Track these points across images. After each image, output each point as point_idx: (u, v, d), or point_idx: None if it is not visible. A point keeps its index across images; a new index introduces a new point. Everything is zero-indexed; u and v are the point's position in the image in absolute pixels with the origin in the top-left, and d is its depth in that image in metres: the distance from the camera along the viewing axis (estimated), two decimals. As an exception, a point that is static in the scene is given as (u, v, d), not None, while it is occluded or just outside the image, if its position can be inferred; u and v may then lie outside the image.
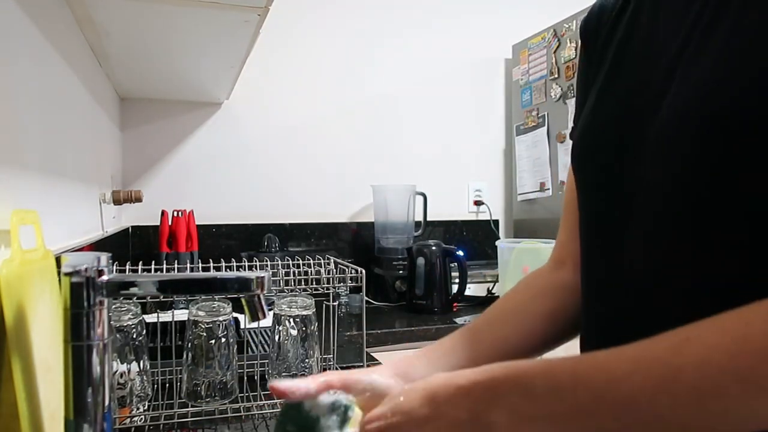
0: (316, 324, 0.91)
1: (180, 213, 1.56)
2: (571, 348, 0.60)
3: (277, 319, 0.89)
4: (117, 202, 1.38)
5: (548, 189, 1.84)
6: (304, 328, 0.89)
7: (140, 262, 0.87)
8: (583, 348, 0.60)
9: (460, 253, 1.63)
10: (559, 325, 0.65)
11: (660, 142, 0.47)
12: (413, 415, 0.45)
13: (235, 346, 0.87)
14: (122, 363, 0.81)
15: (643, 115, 0.50)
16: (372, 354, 1.21)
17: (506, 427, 0.40)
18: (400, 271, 1.73)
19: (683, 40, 0.48)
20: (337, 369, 1.00)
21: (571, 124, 0.69)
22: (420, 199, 1.88)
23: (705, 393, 0.35)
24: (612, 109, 0.55)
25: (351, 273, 0.91)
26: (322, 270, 0.90)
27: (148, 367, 0.85)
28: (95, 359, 0.51)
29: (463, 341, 0.65)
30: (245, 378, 0.93)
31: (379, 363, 1.10)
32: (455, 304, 1.66)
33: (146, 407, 0.84)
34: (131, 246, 1.70)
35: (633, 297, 0.51)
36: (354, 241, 1.94)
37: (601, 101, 0.58)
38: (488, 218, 2.07)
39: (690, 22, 0.48)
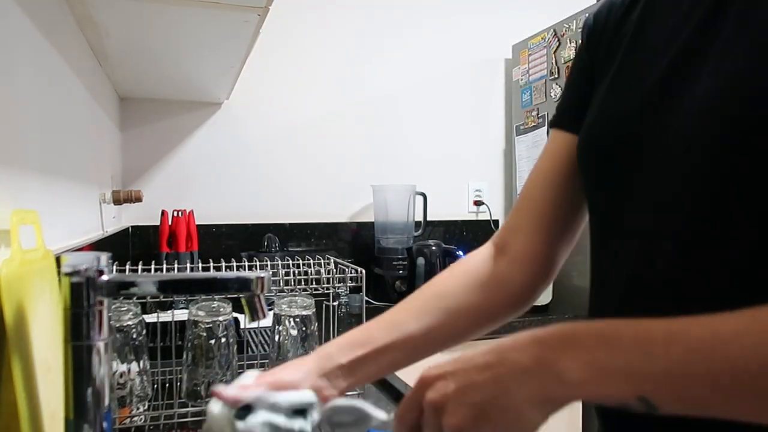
0: (316, 324, 0.91)
1: (180, 213, 1.56)
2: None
3: (277, 319, 0.89)
4: (117, 202, 1.38)
5: (548, 189, 1.83)
6: (304, 328, 0.89)
7: (140, 262, 0.87)
8: None
9: (460, 253, 1.63)
10: (483, 319, 0.64)
11: (685, 134, 0.45)
12: (474, 361, 0.41)
13: (235, 346, 0.87)
14: (122, 363, 0.81)
15: (661, 110, 0.48)
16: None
17: (578, 377, 0.36)
18: (400, 271, 1.73)
19: (701, 34, 0.47)
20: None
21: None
22: (420, 199, 1.88)
23: None
24: (624, 104, 0.53)
25: (351, 273, 0.91)
26: (322, 270, 0.90)
27: (148, 367, 0.85)
28: (95, 359, 0.51)
29: (382, 333, 0.61)
30: (245, 378, 0.93)
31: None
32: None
33: (146, 407, 0.84)
34: (131, 246, 1.70)
35: (656, 298, 0.48)
36: (354, 241, 1.94)
37: (612, 95, 0.56)
38: (488, 218, 2.07)
39: (701, 17, 0.47)
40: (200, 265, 0.94)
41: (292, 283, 0.89)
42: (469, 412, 0.39)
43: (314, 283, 0.89)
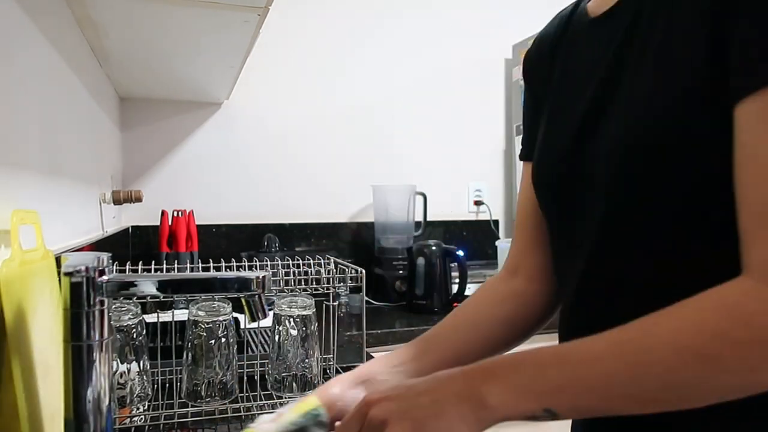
0: (316, 324, 0.91)
1: (180, 213, 1.56)
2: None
3: (277, 319, 0.89)
4: (117, 202, 1.38)
5: (548, 189, 1.84)
6: (304, 328, 0.89)
7: (140, 262, 0.87)
8: None
9: (460, 253, 1.63)
10: (514, 330, 0.71)
11: (594, 167, 0.53)
12: (415, 388, 0.48)
13: (235, 346, 0.87)
14: (122, 363, 0.81)
15: (580, 147, 0.56)
16: (372, 354, 1.21)
17: (498, 399, 0.44)
18: (400, 271, 1.72)
19: (607, 72, 0.53)
20: (337, 369, 1.00)
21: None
22: (420, 199, 1.88)
23: (672, 368, 0.40)
24: (556, 140, 0.61)
25: (351, 273, 0.91)
26: (322, 270, 0.90)
27: (148, 367, 0.85)
28: (95, 359, 0.51)
29: (426, 348, 0.68)
30: (245, 378, 0.93)
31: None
32: (455, 304, 1.66)
33: (146, 407, 0.84)
34: (131, 246, 1.70)
35: (596, 312, 0.56)
36: (354, 241, 1.94)
37: (548, 131, 0.64)
38: (488, 218, 2.07)
39: (609, 59, 0.53)
40: (200, 265, 0.94)
41: (292, 283, 0.89)
42: (411, 425, 0.44)
43: (314, 283, 0.89)
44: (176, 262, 1.50)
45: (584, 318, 0.58)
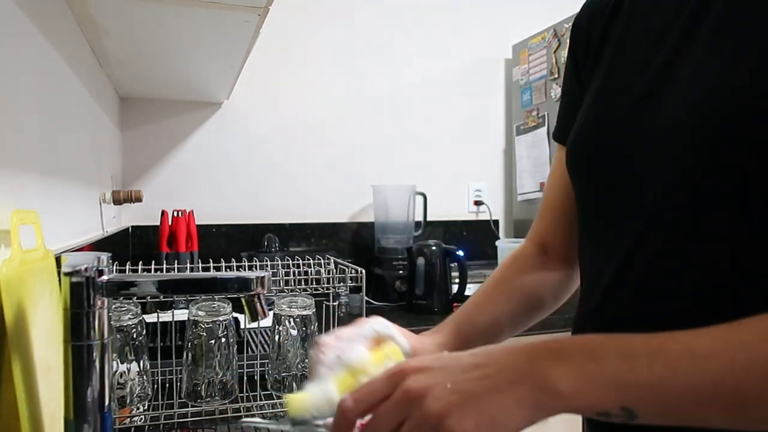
0: (316, 324, 0.91)
1: (180, 213, 1.56)
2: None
3: (277, 319, 0.89)
4: (117, 202, 1.38)
5: (548, 189, 1.83)
6: (304, 328, 0.89)
7: (140, 262, 0.87)
8: None
9: (460, 253, 1.63)
10: (539, 309, 0.73)
11: (657, 142, 0.48)
12: (461, 361, 0.41)
13: (235, 346, 0.87)
14: (122, 363, 0.81)
15: (642, 117, 0.50)
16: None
17: (568, 386, 0.37)
18: (400, 271, 1.72)
19: (680, 40, 0.49)
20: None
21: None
22: (420, 199, 1.88)
23: None
24: (610, 109, 0.55)
25: (351, 273, 0.91)
26: (322, 270, 0.90)
27: (148, 367, 0.85)
28: (95, 359, 0.51)
29: (465, 320, 0.68)
30: (245, 378, 0.93)
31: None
32: (455, 304, 1.66)
33: (146, 407, 0.84)
34: (131, 246, 1.70)
35: (631, 300, 0.51)
36: (354, 241, 1.94)
37: (597, 106, 0.58)
38: (488, 218, 2.07)
39: (682, 24, 0.49)
40: (200, 265, 0.94)
41: (292, 283, 0.89)
42: (457, 400, 0.38)
43: (314, 283, 0.89)
44: (176, 262, 1.50)
45: (627, 301, 0.51)
